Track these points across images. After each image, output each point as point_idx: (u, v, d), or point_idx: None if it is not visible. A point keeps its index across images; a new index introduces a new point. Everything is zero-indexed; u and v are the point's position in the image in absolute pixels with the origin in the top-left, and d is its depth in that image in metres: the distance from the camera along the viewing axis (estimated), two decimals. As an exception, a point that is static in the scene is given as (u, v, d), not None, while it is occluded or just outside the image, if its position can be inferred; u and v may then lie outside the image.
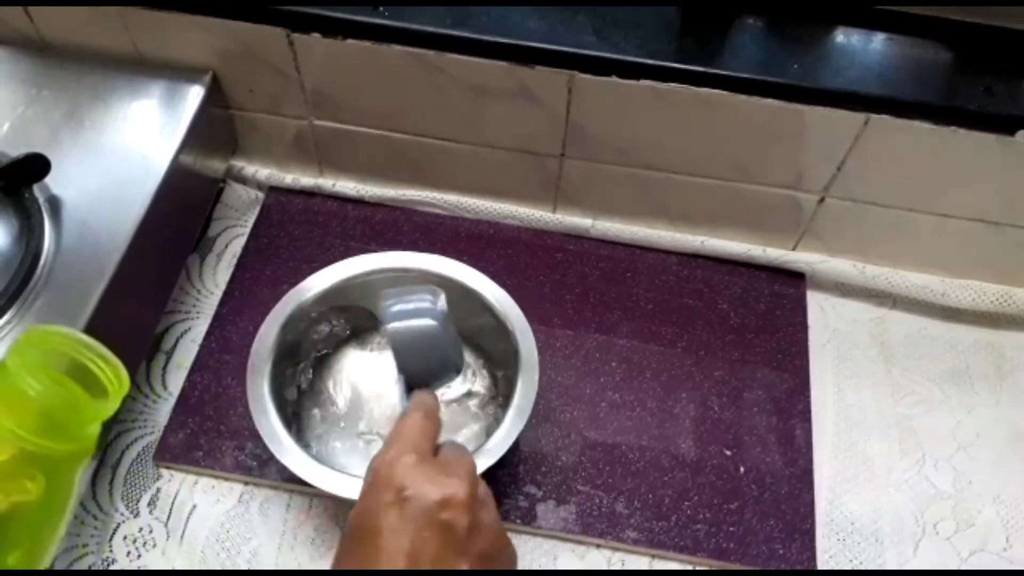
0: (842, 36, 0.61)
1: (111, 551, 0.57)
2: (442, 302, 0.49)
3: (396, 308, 0.47)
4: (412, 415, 0.44)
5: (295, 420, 0.59)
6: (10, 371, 0.34)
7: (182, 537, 0.57)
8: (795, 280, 0.72)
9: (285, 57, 0.63)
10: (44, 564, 0.36)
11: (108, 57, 0.65)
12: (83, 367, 0.35)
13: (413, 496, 0.38)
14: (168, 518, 0.58)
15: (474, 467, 0.42)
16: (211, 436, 0.61)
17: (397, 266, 0.60)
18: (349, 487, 0.51)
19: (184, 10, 0.61)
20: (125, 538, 0.57)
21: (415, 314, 0.47)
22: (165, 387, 0.64)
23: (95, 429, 0.36)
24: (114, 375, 0.36)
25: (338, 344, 0.65)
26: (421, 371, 0.48)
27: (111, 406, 0.36)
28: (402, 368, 0.47)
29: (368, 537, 0.38)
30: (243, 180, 0.75)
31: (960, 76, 0.60)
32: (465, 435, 0.61)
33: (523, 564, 0.58)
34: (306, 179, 0.74)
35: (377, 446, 0.60)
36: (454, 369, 0.49)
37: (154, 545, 0.57)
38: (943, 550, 0.60)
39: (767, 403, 0.65)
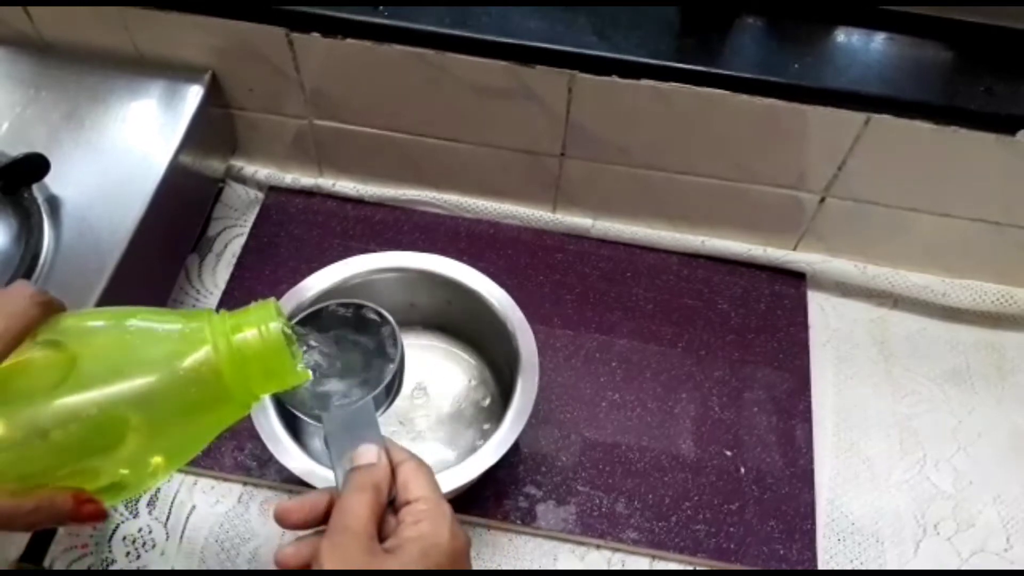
0: (843, 36, 0.61)
1: (110, 551, 0.56)
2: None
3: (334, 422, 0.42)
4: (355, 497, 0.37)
5: (296, 419, 0.59)
6: (251, 315, 0.37)
7: (181, 537, 0.57)
8: (796, 280, 0.72)
9: (285, 57, 0.63)
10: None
11: (108, 57, 0.65)
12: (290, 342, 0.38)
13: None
14: (167, 518, 0.58)
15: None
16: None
17: (397, 266, 0.60)
18: (349, 487, 0.50)
19: (184, 10, 0.61)
20: (124, 539, 0.57)
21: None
22: (165, 387, 0.63)
23: (264, 393, 0.39)
24: (301, 363, 0.39)
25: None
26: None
27: (292, 382, 0.39)
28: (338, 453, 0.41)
29: None
30: (243, 180, 0.75)
31: (961, 76, 0.60)
32: (465, 436, 0.61)
33: (523, 564, 0.58)
34: (306, 179, 0.74)
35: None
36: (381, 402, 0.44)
37: (153, 545, 0.57)
38: (944, 550, 0.60)
39: (767, 403, 0.65)
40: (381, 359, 0.44)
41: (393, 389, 0.44)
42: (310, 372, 0.40)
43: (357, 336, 0.45)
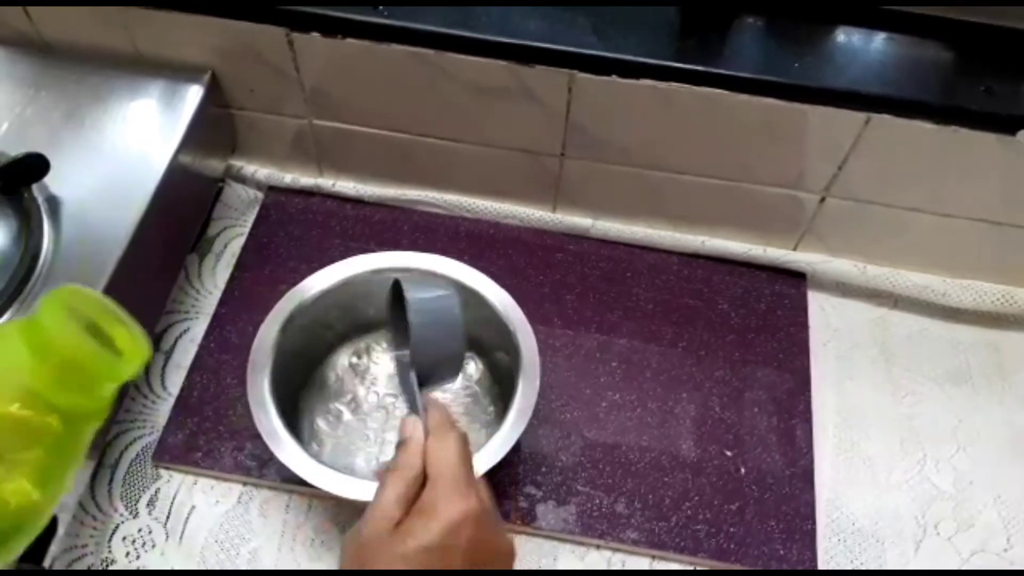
0: (843, 35, 0.61)
1: (110, 551, 0.56)
2: (459, 299, 0.48)
3: (417, 292, 0.46)
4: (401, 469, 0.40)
5: (297, 417, 0.59)
6: (38, 322, 0.35)
7: (181, 538, 0.57)
8: (796, 280, 0.72)
9: (285, 57, 0.63)
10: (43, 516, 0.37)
11: (108, 57, 0.65)
12: (102, 330, 0.36)
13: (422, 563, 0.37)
14: (167, 519, 0.58)
15: (468, 487, 0.39)
16: (210, 436, 0.60)
17: (397, 266, 0.60)
18: (349, 487, 0.50)
19: (184, 10, 0.61)
20: (124, 539, 0.57)
21: (439, 301, 0.46)
22: (164, 387, 0.64)
23: (110, 391, 0.37)
24: (132, 339, 0.36)
25: (341, 343, 0.65)
26: (433, 357, 0.46)
27: (128, 369, 0.36)
28: (419, 357, 0.45)
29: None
30: (242, 180, 0.75)
31: (961, 76, 0.60)
32: (465, 435, 0.61)
33: (523, 564, 0.58)
34: (306, 179, 0.74)
35: (379, 445, 0.60)
36: (460, 366, 0.47)
37: (153, 546, 0.57)
38: (944, 550, 0.60)
39: (768, 403, 0.65)
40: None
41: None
42: (145, 345, 0.37)
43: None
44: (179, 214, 0.66)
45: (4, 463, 0.34)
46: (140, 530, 0.57)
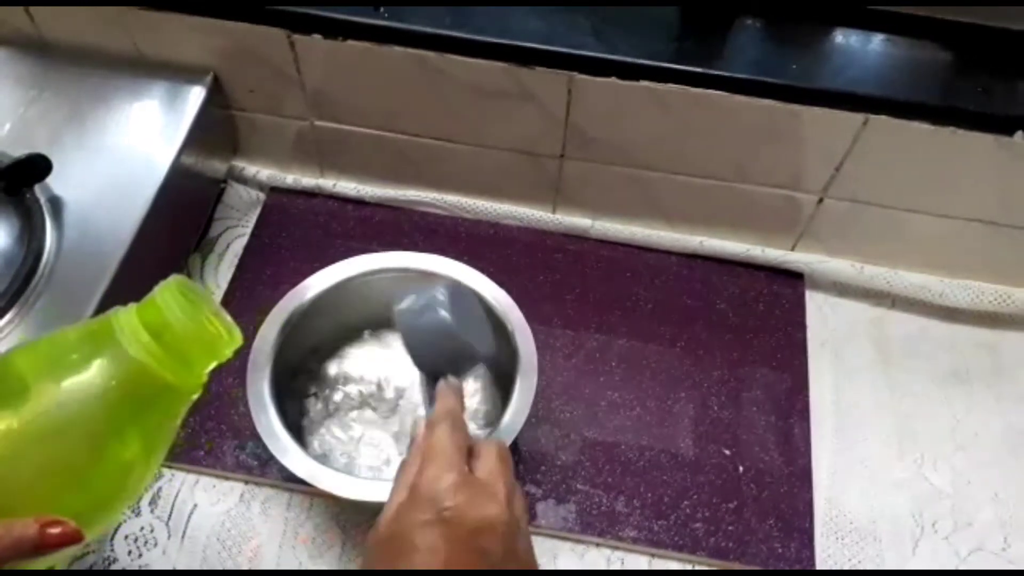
0: (841, 37, 0.62)
1: (112, 550, 0.57)
2: (457, 292, 0.48)
3: (405, 306, 0.47)
4: (441, 426, 0.42)
5: (297, 418, 0.60)
6: (155, 302, 0.38)
7: (183, 536, 0.58)
8: (794, 280, 0.72)
9: (286, 58, 0.64)
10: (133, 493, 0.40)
11: (109, 58, 0.66)
12: (204, 314, 0.39)
13: (453, 518, 0.37)
14: (169, 517, 0.58)
15: (511, 481, 0.41)
16: (212, 435, 0.61)
17: (397, 266, 0.61)
18: (349, 487, 0.51)
19: (185, 11, 0.61)
20: (126, 537, 0.57)
21: (424, 309, 0.47)
22: (166, 387, 0.64)
23: (208, 369, 0.40)
24: (228, 326, 0.40)
25: (342, 343, 0.65)
26: (439, 364, 0.47)
27: (228, 349, 0.40)
28: (419, 365, 0.47)
29: (403, 553, 0.37)
30: (244, 180, 0.75)
31: (958, 76, 0.60)
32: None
33: (523, 563, 0.58)
34: (307, 179, 0.75)
35: (378, 445, 0.60)
36: (473, 357, 0.48)
37: (155, 544, 0.57)
38: (942, 549, 0.60)
39: (766, 402, 0.65)
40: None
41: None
42: (239, 333, 0.40)
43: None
44: (181, 215, 0.67)
45: (131, 428, 0.37)
46: (142, 528, 0.58)
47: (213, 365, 0.40)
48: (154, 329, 0.37)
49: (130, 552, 0.57)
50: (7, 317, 0.52)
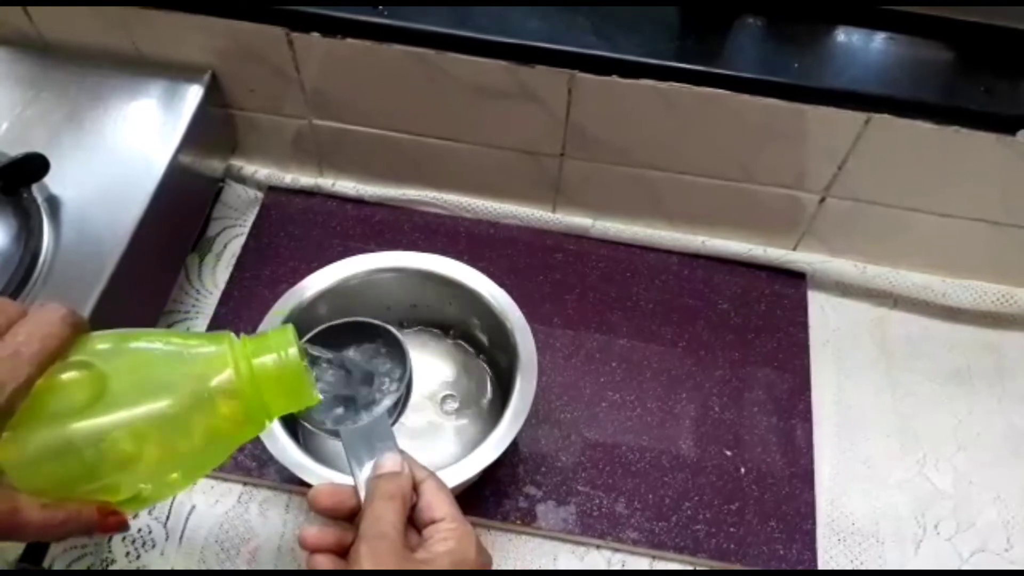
0: (843, 35, 0.61)
1: (110, 551, 0.56)
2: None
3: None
4: (379, 504, 0.39)
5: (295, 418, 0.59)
6: (267, 339, 0.39)
7: (181, 537, 0.57)
8: (796, 280, 0.72)
9: (285, 57, 0.63)
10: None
11: (108, 57, 0.65)
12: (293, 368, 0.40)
13: None
14: (167, 518, 0.58)
15: (458, 549, 0.39)
16: (210, 436, 0.60)
17: (397, 266, 0.60)
18: (349, 487, 0.50)
19: (184, 10, 0.61)
20: (124, 538, 0.57)
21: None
22: (164, 387, 0.64)
23: (278, 415, 0.40)
24: (310, 385, 0.40)
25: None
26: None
27: (306, 403, 0.41)
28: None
29: None
30: (242, 180, 0.75)
31: (961, 76, 0.60)
32: (463, 436, 0.61)
33: (523, 564, 0.58)
34: (306, 179, 0.74)
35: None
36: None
37: (153, 545, 0.57)
38: (944, 550, 0.60)
39: (768, 403, 0.65)
40: (390, 372, 0.47)
41: (403, 401, 0.46)
42: (320, 395, 0.41)
43: (364, 350, 0.48)
44: (179, 214, 0.66)
45: (176, 453, 0.38)
46: (140, 530, 0.57)
47: (283, 413, 0.41)
48: (262, 367, 0.38)
49: (128, 553, 0.56)
50: (4, 317, 0.51)
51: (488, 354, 0.64)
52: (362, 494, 0.41)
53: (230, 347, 0.38)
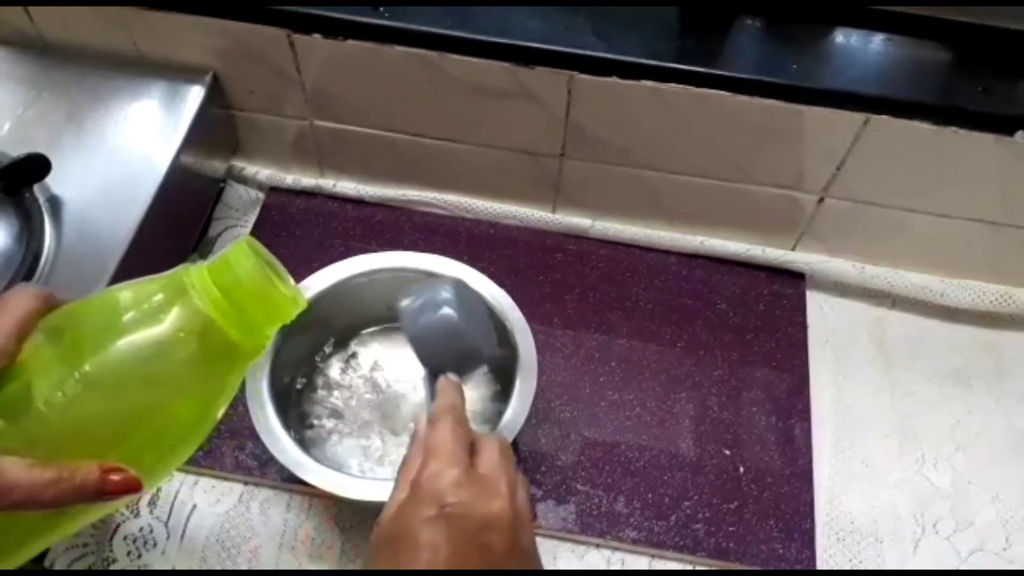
0: (841, 36, 0.61)
1: (111, 551, 0.57)
2: (463, 291, 0.48)
3: (411, 303, 0.47)
4: (443, 422, 0.42)
5: (297, 417, 0.60)
6: (227, 261, 0.39)
7: (182, 537, 0.57)
8: (794, 280, 0.72)
9: (286, 58, 0.64)
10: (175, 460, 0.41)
11: (109, 57, 0.65)
12: (270, 277, 0.40)
13: (457, 514, 0.37)
14: (168, 518, 0.58)
15: (514, 475, 0.41)
16: (211, 436, 0.60)
17: (397, 266, 0.61)
18: (349, 487, 0.51)
19: (185, 10, 0.61)
20: (125, 538, 0.57)
21: (431, 307, 0.46)
22: (165, 387, 0.64)
23: (272, 331, 0.41)
24: (292, 289, 0.41)
25: (341, 343, 0.65)
26: (444, 362, 0.47)
27: (292, 311, 0.41)
28: (425, 362, 0.47)
29: (406, 550, 0.37)
30: (244, 180, 0.75)
31: (959, 76, 0.60)
32: (465, 435, 0.61)
33: (523, 563, 0.58)
34: (307, 179, 0.75)
35: (379, 445, 0.60)
36: (478, 357, 0.48)
37: (154, 545, 0.57)
38: (943, 549, 0.60)
39: (766, 403, 0.65)
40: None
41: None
42: (303, 297, 0.41)
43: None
44: (180, 214, 0.67)
45: (193, 382, 0.38)
46: (141, 529, 0.57)
47: (277, 327, 0.41)
48: (224, 286, 0.38)
49: (129, 553, 0.57)
50: (6, 317, 0.51)
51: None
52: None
53: (186, 276, 0.38)
